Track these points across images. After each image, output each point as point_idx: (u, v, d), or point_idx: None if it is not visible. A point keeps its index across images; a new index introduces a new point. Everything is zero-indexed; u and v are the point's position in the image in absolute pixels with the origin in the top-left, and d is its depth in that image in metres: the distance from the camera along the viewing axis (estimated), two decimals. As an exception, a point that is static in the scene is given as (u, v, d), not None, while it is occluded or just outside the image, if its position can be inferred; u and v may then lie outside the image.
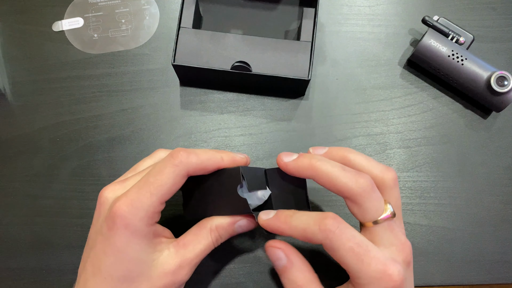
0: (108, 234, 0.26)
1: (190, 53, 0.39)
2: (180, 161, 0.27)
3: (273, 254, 0.30)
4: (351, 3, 0.45)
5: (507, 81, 0.39)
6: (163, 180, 0.27)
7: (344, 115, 0.42)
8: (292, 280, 0.29)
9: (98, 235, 0.27)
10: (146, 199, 0.26)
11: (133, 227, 0.26)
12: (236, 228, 0.31)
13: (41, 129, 0.41)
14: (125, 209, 0.26)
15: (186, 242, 0.29)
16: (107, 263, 0.26)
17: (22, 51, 0.43)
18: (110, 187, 0.29)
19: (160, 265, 0.27)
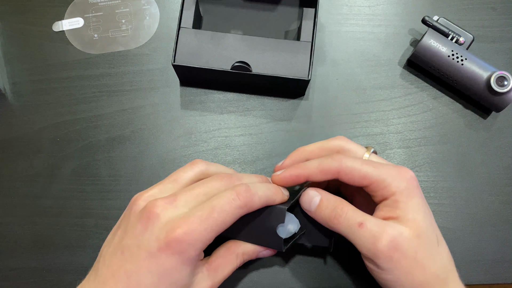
0: (158, 254, 0.26)
1: (190, 53, 0.39)
2: (245, 204, 0.28)
3: (307, 197, 0.31)
4: (351, 3, 0.45)
5: (507, 81, 0.39)
6: (227, 220, 0.28)
7: (344, 115, 0.42)
8: (331, 206, 0.30)
9: (142, 251, 0.27)
10: (207, 234, 0.27)
11: (187, 256, 0.27)
12: (259, 255, 0.33)
13: (41, 129, 0.41)
14: (186, 238, 0.26)
15: (217, 266, 0.31)
16: (148, 282, 0.26)
17: (22, 51, 0.43)
18: (159, 202, 0.28)
19: (194, 287, 0.29)
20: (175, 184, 0.31)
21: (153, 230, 0.27)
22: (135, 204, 0.29)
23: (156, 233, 0.27)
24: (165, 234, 0.26)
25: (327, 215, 0.30)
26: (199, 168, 0.32)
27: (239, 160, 0.40)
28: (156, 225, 0.27)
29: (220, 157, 0.41)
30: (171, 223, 0.27)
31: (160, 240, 0.26)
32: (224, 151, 0.41)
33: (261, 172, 0.40)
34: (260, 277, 0.37)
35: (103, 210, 0.39)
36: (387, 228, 0.28)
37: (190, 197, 0.29)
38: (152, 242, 0.26)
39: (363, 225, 0.28)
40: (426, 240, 0.28)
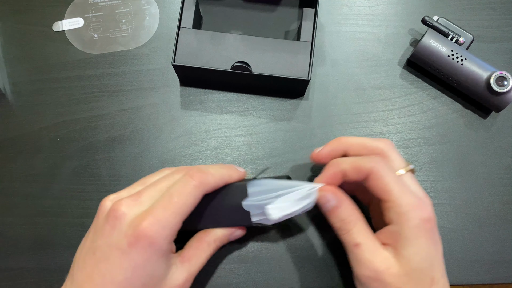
0: (128, 250, 0.27)
1: (190, 53, 0.39)
2: (200, 182, 0.29)
3: (323, 197, 0.31)
4: (351, 3, 0.45)
5: (506, 81, 0.39)
6: (188, 200, 0.28)
7: (344, 115, 0.42)
8: (341, 217, 0.31)
9: (113, 249, 0.27)
10: (172, 219, 0.28)
11: (158, 246, 0.27)
12: (231, 238, 0.34)
13: (41, 129, 0.41)
14: (153, 228, 0.27)
15: (190, 257, 0.31)
16: (122, 277, 0.27)
17: (22, 51, 0.43)
18: (124, 201, 0.29)
19: (170, 279, 0.29)
20: (142, 186, 0.31)
21: (121, 227, 0.27)
22: (102, 207, 0.30)
23: (124, 230, 0.27)
24: (133, 229, 0.27)
25: (335, 223, 0.31)
26: (165, 174, 0.32)
27: (239, 160, 0.40)
28: (123, 222, 0.27)
29: (220, 157, 0.41)
30: (136, 219, 0.27)
31: (128, 236, 0.27)
32: (224, 151, 0.41)
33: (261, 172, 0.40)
34: (260, 277, 0.37)
35: (103, 210, 0.39)
36: (378, 258, 0.29)
37: (153, 192, 0.29)
38: (122, 239, 0.27)
39: (358, 247, 0.29)
40: (415, 280, 0.28)
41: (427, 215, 0.29)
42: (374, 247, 0.29)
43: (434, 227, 0.30)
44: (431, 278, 0.29)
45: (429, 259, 0.29)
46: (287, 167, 0.40)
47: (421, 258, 0.29)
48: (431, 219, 0.29)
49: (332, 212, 0.31)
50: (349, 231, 0.30)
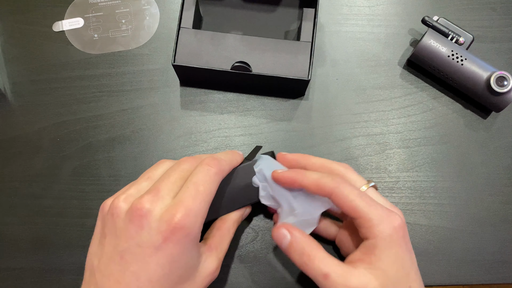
0: (164, 246, 0.27)
1: (190, 53, 0.39)
2: (219, 169, 0.30)
3: (278, 234, 0.31)
4: (351, 4, 0.45)
5: (506, 81, 0.39)
6: (212, 188, 0.29)
7: (344, 115, 0.42)
8: (299, 251, 0.30)
9: (145, 249, 0.27)
10: (202, 207, 0.28)
11: (193, 236, 0.28)
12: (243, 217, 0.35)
13: (41, 129, 0.41)
14: (188, 219, 0.27)
15: (216, 244, 0.32)
16: (160, 274, 0.27)
17: (22, 51, 0.43)
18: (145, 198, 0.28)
19: (202, 268, 0.30)
20: (150, 181, 0.31)
21: (151, 225, 0.27)
22: (115, 208, 0.28)
23: (155, 227, 0.27)
24: (167, 224, 0.27)
25: (296, 259, 0.30)
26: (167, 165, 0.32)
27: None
28: (151, 219, 0.27)
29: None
30: (167, 213, 0.27)
31: (163, 232, 0.26)
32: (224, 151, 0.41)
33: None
34: (260, 277, 0.37)
35: (103, 210, 0.39)
36: (352, 279, 0.28)
37: (170, 185, 0.29)
38: (154, 236, 0.27)
39: (328, 277, 0.28)
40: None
41: (397, 223, 0.29)
42: (343, 270, 0.28)
43: (406, 235, 0.30)
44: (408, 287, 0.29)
45: (405, 268, 0.29)
46: (287, 167, 0.40)
47: (397, 268, 0.28)
48: (402, 226, 0.29)
49: (289, 248, 0.30)
50: (313, 262, 0.29)
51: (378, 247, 0.28)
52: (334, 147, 0.41)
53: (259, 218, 0.39)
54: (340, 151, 0.41)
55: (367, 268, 0.28)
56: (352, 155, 0.41)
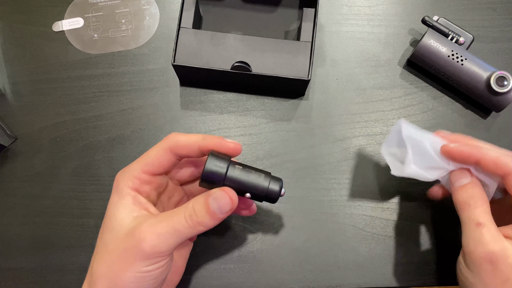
0: (109, 200, 0.30)
1: (190, 53, 0.39)
2: (166, 138, 0.30)
3: (457, 175, 0.32)
4: (351, 3, 0.45)
5: (506, 81, 0.39)
6: (149, 152, 0.30)
7: (344, 115, 0.42)
8: (470, 194, 0.31)
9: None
10: (133, 165, 0.30)
11: (117, 187, 0.29)
12: (211, 202, 0.28)
13: (41, 129, 0.41)
14: (120, 173, 0.30)
15: (160, 215, 0.28)
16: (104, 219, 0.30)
17: (22, 51, 0.43)
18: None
19: (128, 228, 0.28)
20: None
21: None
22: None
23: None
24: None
25: (461, 198, 0.31)
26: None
27: (239, 160, 0.40)
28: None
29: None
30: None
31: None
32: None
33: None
34: (260, 277, 0.37)
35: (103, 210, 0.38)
36: (498, 243, 0.28)
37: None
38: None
39: (480, 226, 0.29)
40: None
41: None
42: (496, 232, 0.29)
43: None
44: None
45: None
46: (287, 167, 0.40)
47: None
48: None
49: (463, 188, 0.31)
50: (475, 208, 0.30)
51: None
52: (334, 147, 0.41)
53: (259, 219, 0.39)
54: (340, 151, 0.41)
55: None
56: (352, 155, 0.41)
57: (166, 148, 0.30)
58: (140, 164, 0.30)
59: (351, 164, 0.40)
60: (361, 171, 0.40)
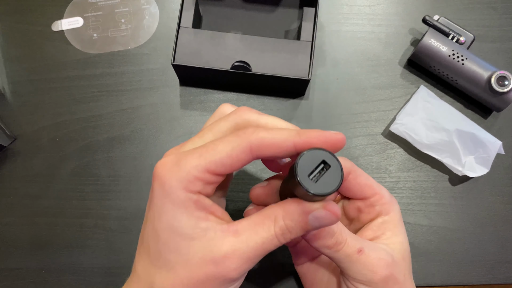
0: (149, 200, 0.24)
1: (190, 53, 0.39)
2: (243, 132, 0.23)
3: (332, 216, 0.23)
4: (352, 3, 0.45)
5: (507, 81, 0.39)
6: (219, 147, 0.23)
7: (344, 115, 0.42)
8: (331, 232, 0.25)
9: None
10: (193, 160, 0.22)
11: (169, 188, 0.22)
12: (311, 220, 0.23)
13: (41, 129, 0.41)
14: (167, 166, 0.23)
15: (240, 229, 0.23)
16: (146, 231, 0.24)
17: (21, 50, 0.43)
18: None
19: (201, 248, 0.22)
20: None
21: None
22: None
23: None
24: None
25: (327, 242, 0.25)
26: (223, 112, 0.28)
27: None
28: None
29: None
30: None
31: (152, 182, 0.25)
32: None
33: (261, 171, 0.40)
34: (260, 277, 0.37)
35: (103, 210, 0.39)
36: (382, 253, 0.27)
37: (198, 138, 0.26)
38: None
39: (362, 252, 0.26)
40: (409, 263, 0.29)
41: (398, 206, 0.30)
42: (372, 245, 0.27)
43: None
44: (411, 263, 0.29)
45: (408, 245, 0.30)
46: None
47: (407, 241, 0.29)
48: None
49: (320, 232, 0.25)
50: (346, 239, 0.26)
51: (392, 222, 0.29)
52: (335, 147, 0.41)
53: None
54: (341, 151, 0.41)
55: (385, 244, 0.28)
56: (353, 155, 0.41)
57: (246, 147, 0.22)
58: (204, 161, 0.22)
59: (351, 164, 0.40)
60: (361, 171, 0.40)
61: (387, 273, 0.26)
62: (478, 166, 0.39)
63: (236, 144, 0.22)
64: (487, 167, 0.39)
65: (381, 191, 0.29)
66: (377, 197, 0.29)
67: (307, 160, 0.22)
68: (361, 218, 0.30)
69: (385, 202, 0.29)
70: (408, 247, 0.29)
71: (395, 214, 0.29)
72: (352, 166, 0.28)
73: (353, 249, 0.26)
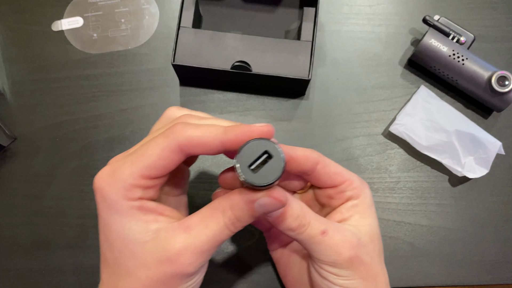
0: (98, 213, 0.24)
1: (190, 53, 0.39)
2: (171, 132, 0.23)
3: (271, 205, 0.24)
4: (352, 3, 0.45)
5: (508, 81, 0.39)
6: (148, 151, 0.23)
7: (344, 115, 0.42)
8: (295, 215, 0.26)
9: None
10: (126, 169, 0.23)
11: (110, 200, 0.23)
12: (257, 207, 0.24)
13: (41, 129, 0.41)
14: (104, 179, 0.23)
15: (191, 225, 0.24)
16: (101, 243, 0.24)
17: (21, 51, 0.43)
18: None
19: (155, 249, 0.23)
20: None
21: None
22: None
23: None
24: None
25: (291, 225, 0.26)
26: (168, 117, 0.28)
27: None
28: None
29: (219, 157, 0.40)
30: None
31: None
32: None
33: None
34: (260, 277, 0.37)
35: (103, 210, 0.39)
36: (348, 234, 0.27)
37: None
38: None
39: (326, 233, 0.26)
40: (378, 245, 0.29)
41: (370, 191, 0.30)
42: (337, 226, 0.27)
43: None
44: (381, 241, 0.29)
45: (378, 225, 0.30)
46: (287, 167, 0.40)
47: (377, 224, 0.29)
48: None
49: (284, 213, 0.25)
50: (309, 221, 0.26)
51: (361, 205, 0.28)
52: (335, 147, 0.41)
53: (259, 219, 0.39)
54: (341, 151, 0.41)
55: (353, 226, 0.28)
56: (353, 155, 0.41)
57: (175, 147, 0.23)
58: (137, 168, 0.23)
59: (351, 164, 0.40)
60: (361, 170, 0.40)
61: (352, 254, 0.26)
62: (478, 167, 0.39)
63: (164, 145, 0.23)
64: (486, 168, 0.39)
65: (351, 177, 0.29)
66: (347, 183, 0.28)
67: (249, 151, 0.22)
68: (332, 204, 0.29)
69: (355, 187, 0.28)
70: (377, 230, 0.29)
71: (364, 197, 0.29)
72: (319, 156, 0.28)
73: (316, 230, 0.26)
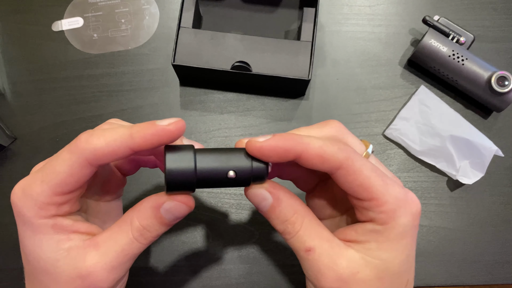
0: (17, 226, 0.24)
1: (190, 53, 0.39)
2: (75, 146, 0.22)
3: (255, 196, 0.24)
4: (352, 3, 0.45)
5: (507, 81, 0.39)
6: (56, 168, 0.22)
7: (344, 115, 0.42)
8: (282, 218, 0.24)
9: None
10: (36, 187, 0.22)
11: (23, 217, 0.23)
12: (164, 214, 0.23)
13: (41, 129, 0.41)
14: (17, 195, 0.23)
15: (99, 242, 0.23)
16: (21, 255, 0.25)
17: (21, 51, 0.43)
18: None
19: (67, 267, 0.23)
20: None
21: None
22: None
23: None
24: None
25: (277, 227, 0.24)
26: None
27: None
28: None
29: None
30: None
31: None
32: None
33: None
34: (260, 278, 0.37)
35: (103, 210, 0.39)
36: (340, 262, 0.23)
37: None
38: None
39: (312, 252, 0.23)
40: (388, 284, 0.23)
41: (415, 209, 0.23)
42: (332, 248, 0.23)
43: (418, 222, 0.24)
44: (406, 280, 0.24)
45: (409, 261, 0.24)
46: (287, 168, 0.40)
47: (401, 261, 0.23)
48: (419, 212, 0.24)
49: (270, 212, 0.24)
50: (296, 233, 0.23)
51: (385, 235, 0.23)
52: (335, 147, 0.41)
53: (259, 219, 0.39)
54: (341, 151, 0.41)
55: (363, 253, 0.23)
56: (353, 155, 0.41)
57: (82, 162, 0.22)
58: (48, 186, 0.22)
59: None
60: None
61: (337, 285, 0.23)
62: (472, 171, 0.39)
63: (72, 161, 0.22)
64: (482, 172, 0.39)
65: (383, 197, 0.22)
66: (374, 202, 0.22)
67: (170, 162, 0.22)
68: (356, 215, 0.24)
69: (383, 211, 0.22)
70: (398, 269, 0.23)
71: (394, 227, 0.23)
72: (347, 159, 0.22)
73: (301, 245, 0.24)
